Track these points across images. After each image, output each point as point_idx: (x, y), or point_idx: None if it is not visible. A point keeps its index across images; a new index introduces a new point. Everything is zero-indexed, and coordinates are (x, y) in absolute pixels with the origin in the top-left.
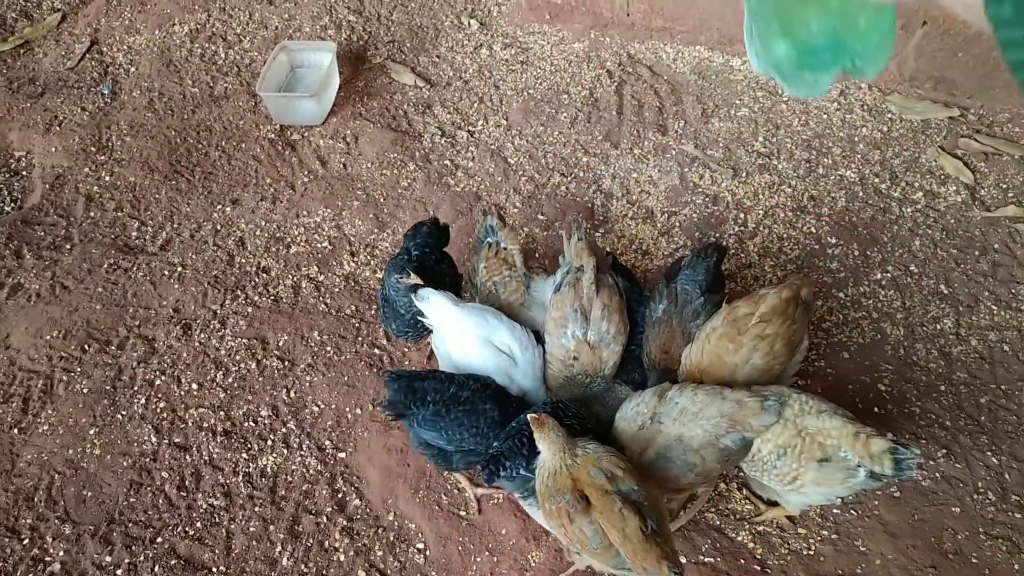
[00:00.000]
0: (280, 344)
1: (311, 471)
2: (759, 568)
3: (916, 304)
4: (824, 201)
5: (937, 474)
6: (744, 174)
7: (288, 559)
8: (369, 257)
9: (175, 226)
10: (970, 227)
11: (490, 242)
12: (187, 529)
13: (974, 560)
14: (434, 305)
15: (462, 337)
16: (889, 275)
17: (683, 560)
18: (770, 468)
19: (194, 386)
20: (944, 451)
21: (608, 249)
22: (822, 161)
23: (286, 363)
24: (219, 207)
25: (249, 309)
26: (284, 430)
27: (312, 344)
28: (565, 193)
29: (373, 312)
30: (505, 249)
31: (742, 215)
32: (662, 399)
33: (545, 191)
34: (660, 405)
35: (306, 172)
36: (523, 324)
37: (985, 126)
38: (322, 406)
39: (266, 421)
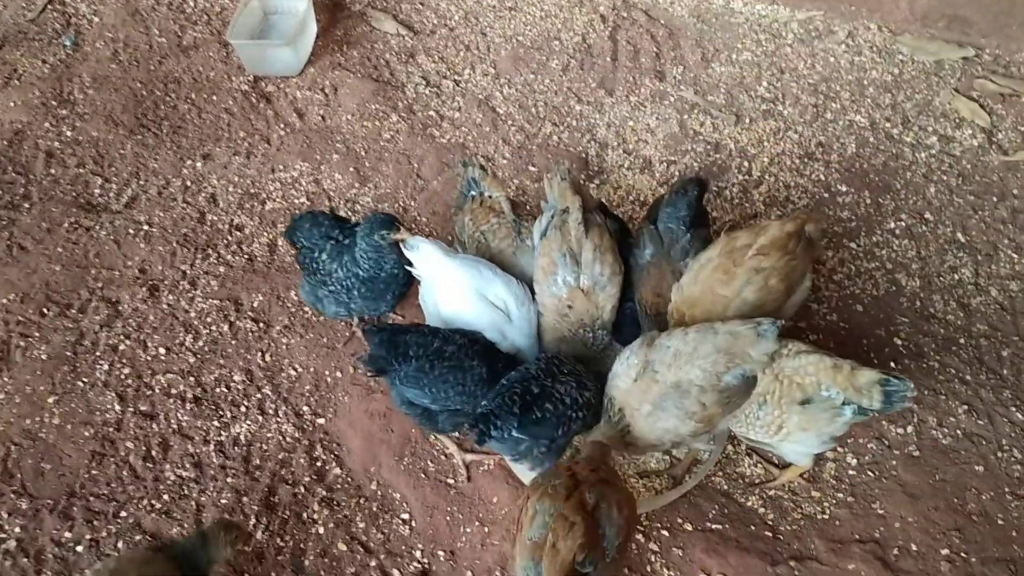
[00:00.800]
0: (255, 305)
1: (288, 439)
2: (770, 534)
3: (932, 254)
4: (833, 147)
5: (958, 431)
6: (748, 120)
7: (263, 532)
8: (349, 212)
9: (141, 183)
10: (987, 172)
11: (474, 195)
12: (153, 502)
13: (1000, 522)
14: (425, 254)
15: (453, 289)
16: (903, 224)
17: (689, 527)
18: (753, 421)
19: (161, 351)
20: (965, 407)
21: (603, 200)
22: (830, 106)
23: (261, 325)
24: (189, 162)
25: (221, 269)
26: (259, 396)
27: (289, 305)
28: (557, 143)
29: None
30: (491, 198)
31: (746, 163)
32: (652, 346)
33: (536, 141)
34: (651, 352)
35: (282, 125)
36: (517, 276)
37: (1001, 66)
38: (300, 370)
39: (239, 387)
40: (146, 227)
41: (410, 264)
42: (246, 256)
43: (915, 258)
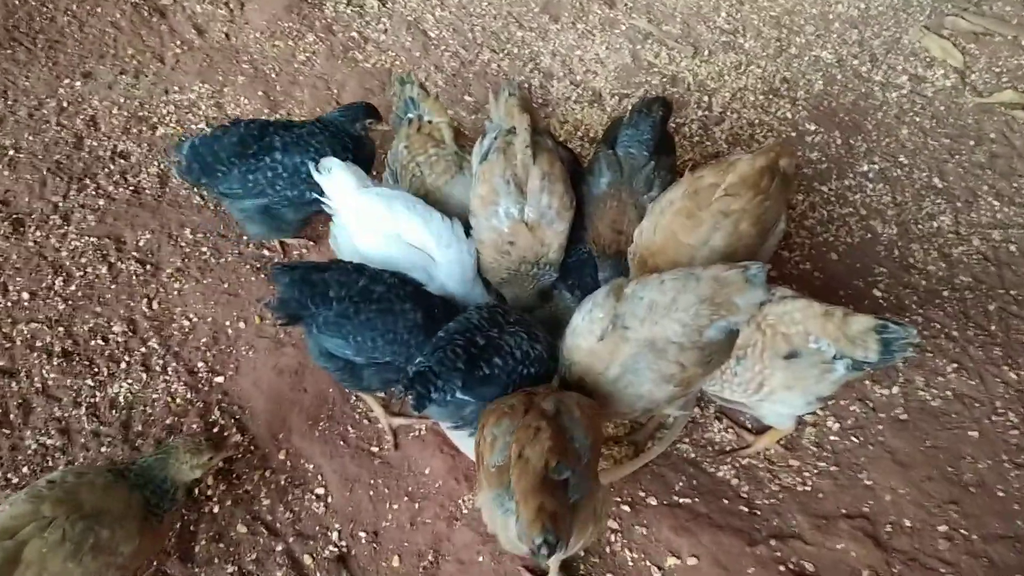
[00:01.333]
0: (140, 244)
1: (178, 400)
2: (746, 509)
3: (908, 199)
4: (799, 84)
5: (948, 392)
6: (706, 52)
7: None
8: None
9: (9, 103)
10: (962, 115)
11: (411, 117)
12: (9, 476)
13: (1000, 493)
14: (336, 182)
15: (365, 227)
16: (876, 166)
17: (653, 502)
18: (730, 378)
19: (24, 295)
20: (954, 365)
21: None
22: (794, 40)
23: (148, 267)
24: (67, 81)
25: (101, 202)
26: (143, 350)
27: (183, 244)
28: (497, 71)
29: None
30: (430, 123)
31: (706, 98)
32: (621, 297)
33: (473, 69)
34: (621, 305)
35: (178, 42)
36: (453, 213)
37: (973, 3)
38: (194, 320)
39: (119, 339)
40: (11, 152)
41: (320, 192)
42: (131, 188)
43: (891, 204)
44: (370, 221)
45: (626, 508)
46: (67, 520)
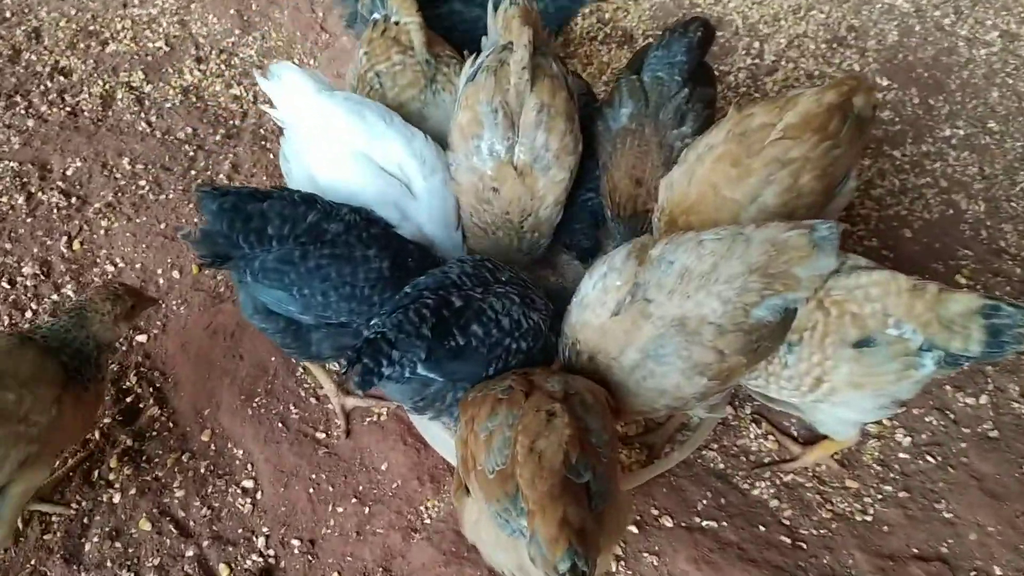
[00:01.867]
0: (68, 173)
1: None
2: (788, 540)
3: (1000, 172)
4: (869, 33)
5: None
6: None
7: None
8: (223, 66)
9: None
10: None
11: (376, 18)
12: None
13: None
14: (290, 88)
15: (326, 148)
16: (961, 132)
17: (669, 523)
18: (777, 370)
19: None
20: None
21: None
22: None
23: (73, 200)
24: None
25: (30, 122)
26: (55, 297)
27: (118, 175)
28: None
29: (218, 139)
30: (398, 25)
31: (757, 44)
32: (645, 261)
33: None
34: (645, 271)
35: None
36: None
37: None
38: (120, 265)
39: (28, 282)
40: None
41: (269, 103)
42: (67, 109)
43: (978, 176)
44: (332, 134)
45: (633, 529)
46: None
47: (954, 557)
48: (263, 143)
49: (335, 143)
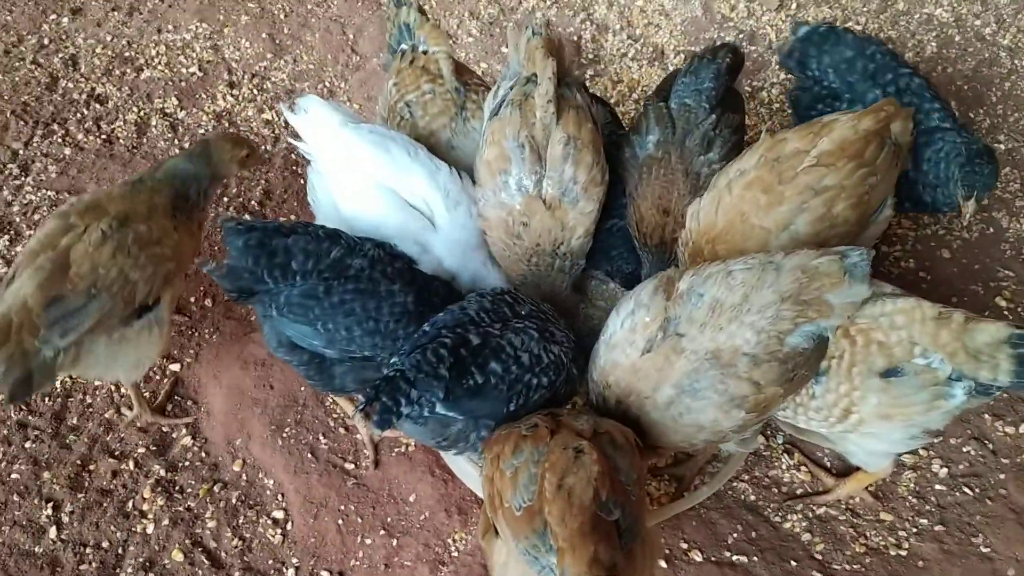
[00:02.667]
0: None
1: (123, 390)
2: (820, 575)
3: None
4: (907, 45)
5: None
6: (794, 5)
7: (63, 529)
8: (256, 91)
9: None
10: None
11: (404, 49)
12: None
13: None
14: (315, 121)
15: (351, 180)
16: (1002, 147)
17: (698, 557)
18: (806, 401)
19: None
20: None
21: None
22: None
23: None
24: (53, 17)
25: (67, 151)
26: None
27: None
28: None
29: None
30: (426, 54)
31: None
32: (673, 296)
33: (513, 17)
34: (675, 306)
35: None
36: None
37: None
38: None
39: None
40: None
41: (297, 137)
42: (103, 136)
43: (1019, 192)
44: (357, 166)
45: (662, 564)
46: (99, 223)
47: None
48: (294, 168)
49: (359, 175)
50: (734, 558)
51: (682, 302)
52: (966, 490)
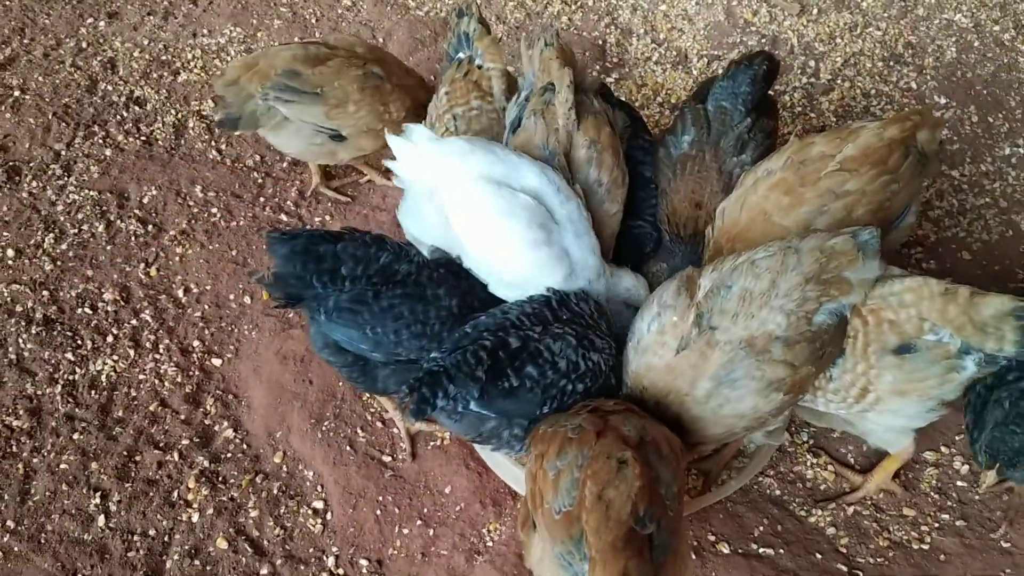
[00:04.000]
0: (145, 201)
1: (167, 384)
2: (844, 568)
3: None
4: (927, 50)
5: None
6: (815, 11)
7: (111, 517)
8: None
9: (25, 41)
10: None
11: (461, 58)
12: None
13: None
14: (421, 152)
15: (464, 187)
16: (1021, 151)
17: (726, 549)
18: (823, 384)
19: (10, 253)
20: None
21: (618, 96)
22: (921, 0)
23: (150, 228)
24: (90, 20)
25: (108, 152)
26: (135, 322)
27: (192, 203)
28: (567, 26)
29: (284, 166)
30: (480, 69)
31: (812, 63)
32: (695, 293)
33: (539, 21)
34: (705, 301)
35: None
36: None
37: None
38: (195, 290)
39: (109, 308)
40: (17, 93)
41: (392, 158)
42: (143, 138)
43: None
44: (470, 170)
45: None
46: (371, 66)
47: None
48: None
49: (472, 179)
50: (760, 550)
51: (712, 296)
52: None
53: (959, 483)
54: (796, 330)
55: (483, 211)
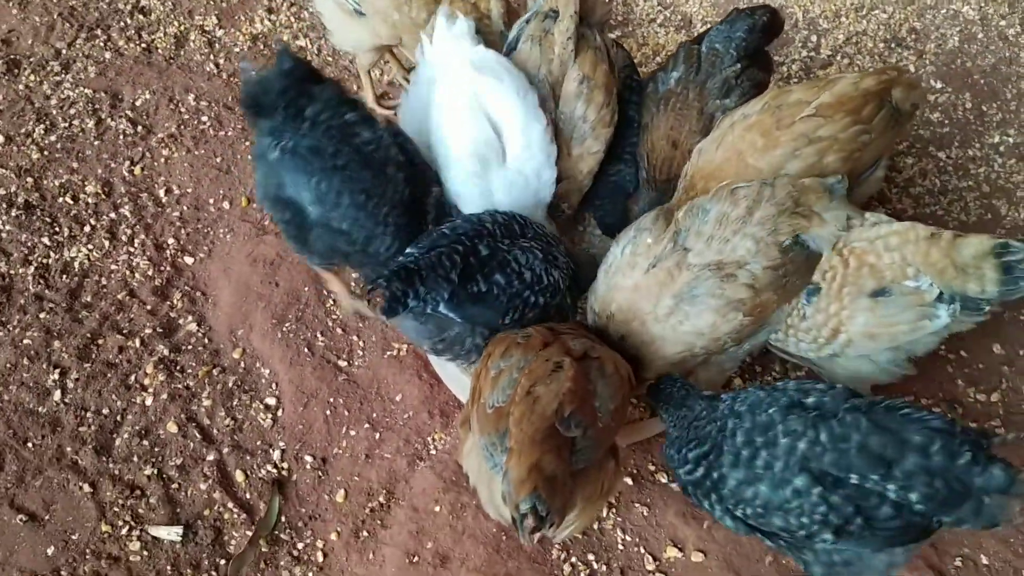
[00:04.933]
0: (137, 104)
1: (138, 276)
2: None
3: None
4: (930, 36)
5: None
6: None
7: (67, 393)
8: (293, 18)
9: None
10: None
11: None
12: None
13: None
14: (457, 33)
15: (455, 90)
16: (1011, 140)
17: (663, 479)
18: (796, 323)
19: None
20: None
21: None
22: None
23: (139, 129)
24: None
25: (107, 55)
26: (113, 216)
27: (184, 110)
28: None
29: None
30: None
31: (814, 38)
32: (672, 219)
33: None
34: (685, 219)
35: None
36: None
37: None
38: (177, 191)
39: (90, 200)
40: None
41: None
42: (143, 45)
43: (1022, 184)
44: (467, 80)
45: (628, 481)
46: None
47: (942, 543)
48: None
49: (465, 89)
50: None
51: (689, 216)
52: None
53: None
54: (766, 255)
55: (450, 120)
